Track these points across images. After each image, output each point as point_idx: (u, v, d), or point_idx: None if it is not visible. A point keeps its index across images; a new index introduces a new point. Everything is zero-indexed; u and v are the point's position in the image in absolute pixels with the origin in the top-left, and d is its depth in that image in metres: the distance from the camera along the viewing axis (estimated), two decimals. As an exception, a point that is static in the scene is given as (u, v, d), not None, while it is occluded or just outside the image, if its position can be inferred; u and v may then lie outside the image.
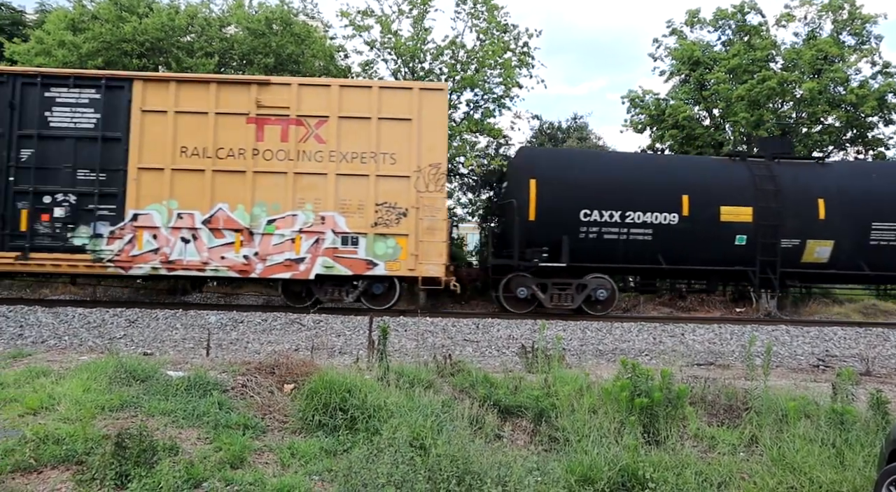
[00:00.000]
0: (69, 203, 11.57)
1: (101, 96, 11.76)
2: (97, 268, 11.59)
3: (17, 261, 11.43)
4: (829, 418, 5.67)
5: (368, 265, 11.70)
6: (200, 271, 11.65)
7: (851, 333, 10.98)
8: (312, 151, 11.83)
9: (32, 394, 5.57)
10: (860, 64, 20.10)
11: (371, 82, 11.87)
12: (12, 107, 11.56)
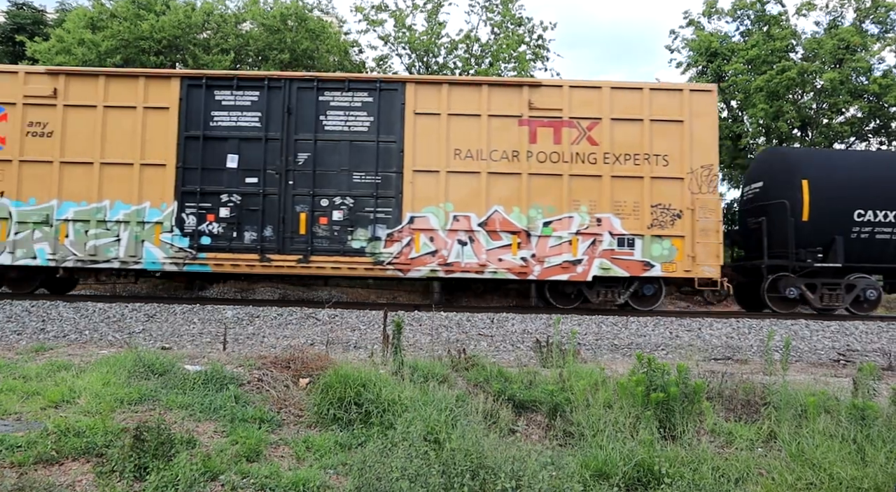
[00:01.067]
0: (347, 206, 11.73)
1: (373, 100, 11.89)
2: (376, 270, 11.70)
3: (298, 264, 11.62)
4: (850, 414, 5.58)
5: (645, 267, 11.73)
6: (479, 274, 11.69)
7: (874, 328, 10.80)
8: (586, 153, 11.85)
9: (54, 387, 5.67)
10: (883, 53, 19.73)
11: (642, 84, 11.98)
12: (288, 111, 11.76)
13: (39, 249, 11.67)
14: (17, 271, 12.06)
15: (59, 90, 11.77)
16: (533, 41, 19.10)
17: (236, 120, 11.86)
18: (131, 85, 11.88)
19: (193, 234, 11.68)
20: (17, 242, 11.65)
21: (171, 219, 11.67)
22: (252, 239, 11.68)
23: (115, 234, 11.67)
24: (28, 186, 11.73)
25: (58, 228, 11.66)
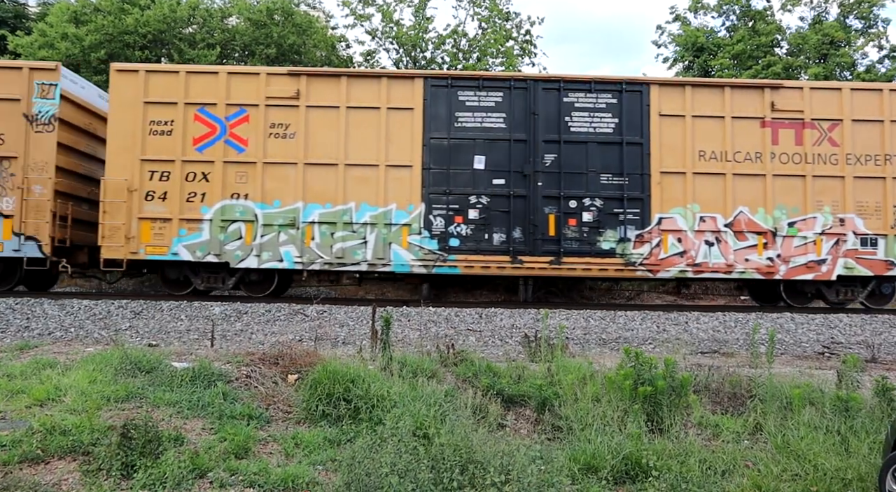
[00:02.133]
0: (595, 208, 11.67)
1: (617, 101, 11.81)
2: (626, 271, 11.66)
3: (549, 265, 11.58)
4: (834, 406, 5.66)
5: (888, 266, 11.76)
6: (727, 274, 11.71)
7: (857, 320, 10.93)
8: (827, 154, 11.87)
9: (39, 385, 5.62)
10: (867, 48, 19.94)
11: (881, 85, 12.17)
12: (533, 113, 11.71)
13: (286, 251, 11.52)
14: (258, 274, 11.96)
15: (301, 91, 11.64)
16: (521, 36, 19.11)
17: (481, 121, 11.80)
18: (373, 86, 11.76)
19: (442, 236, 11.60)
20: (263, 245, 11.53)
21: (420, 221, 11.55)
22: (501, 241, 11.63)
23: (362, 236, 11.56)
24: (272, 189, 11.58)
25: (304, 230, 11.53)
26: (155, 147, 11.57)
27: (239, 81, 11.72)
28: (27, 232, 11.40)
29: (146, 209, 11.50)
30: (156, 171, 11.54)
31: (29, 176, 11.42)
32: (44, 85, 11.53)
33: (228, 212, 11.53)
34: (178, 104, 11.60)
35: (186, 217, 11.49)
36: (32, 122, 11.48)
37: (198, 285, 11.85)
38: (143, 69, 11.85)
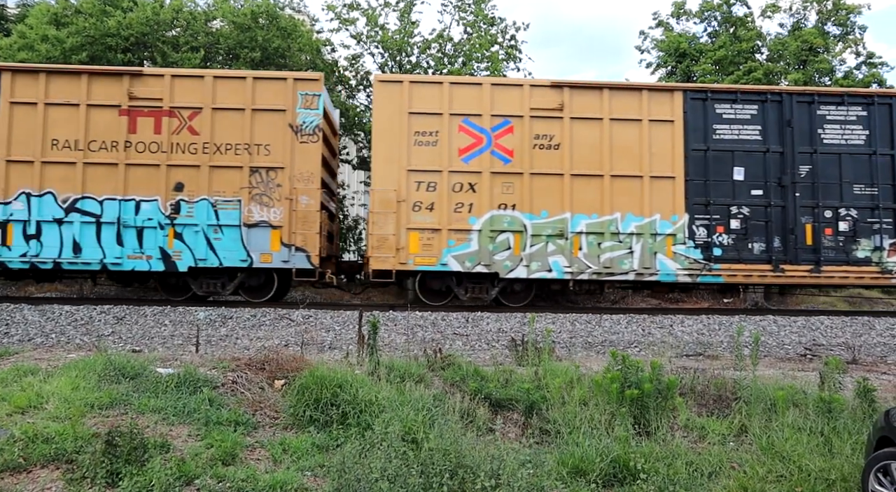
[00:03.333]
0: (851, 217, 11.86)
1: (867, 113, 12.10)
2: (881, 279, 11.94)
3: (809, 274, 11.77)
4: (817, 407, 5.74)
5: None
6: None
7: (838, 322, 11.09)
8: None
9: (20, 393, 5.52)
10: (845, 54, 20.27)
11: None
12: (788, 124, 11.88)
13: (554, 261, 11.67)
14: (521, 284, 12.09)
15: (564, 103, 11.81)
16: (506, 41, 19.18)
17: (738, 133, 12.06)
18: (634, 98, 11.99)
19: (705, 245, 11.82)
20: (532, 256, 11.62)
21: (684, 231, 11.77)
22: (761, 250, 11.89)
23: (628, 246, 11.73)
24: (539, 199, 11.72)
25: (572, 240, 11.68)
26: (420, 158, 11.70)
27: (503, 93, 11.95)
28: (296, 243, 11.40)
29: (414, 220, 11.65)
30: (422, 181, 11.73)
31: (296, 186, 11.46)
32: (307, 95, 11.62)
33: (497, 222, 11.73)
34: (442, 115, 11.76)
35: (455, 227, 11.69)
36: (297, 132, 11.55)
37: (461, 296, 12.03)
38: (407, 80, 12.06)
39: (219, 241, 11.40)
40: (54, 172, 11.36)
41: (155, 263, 11.34)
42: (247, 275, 11.73)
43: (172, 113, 11.52)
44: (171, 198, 11.41)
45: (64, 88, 11.48)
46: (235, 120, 11.55)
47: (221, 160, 11.51)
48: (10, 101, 11.39)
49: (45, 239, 11.28)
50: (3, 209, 11.24)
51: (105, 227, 11.32)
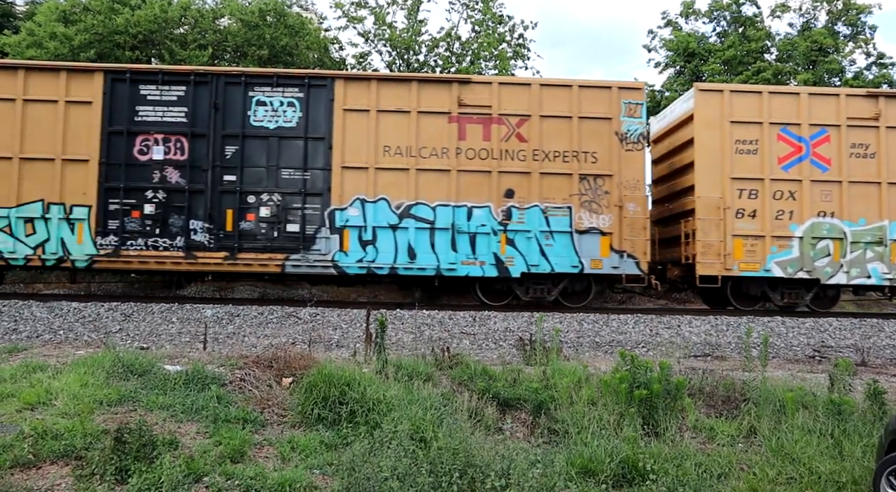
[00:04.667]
0: None
1: None
2: None
3: None
4: (827, 409, 5.70)
5: None
6: None
7: (847, 324, 11.02)
8: None
9: (29, 389, 5.54)
10: (854, 55, 20.15)
11: None
12: None
13: (873, 268, 11.81)
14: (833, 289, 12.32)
15: (880, 112, 11.95)
16: (514, 40, 19.14)
17: None
18: None
19: None
20: (851, 262, 11.77)
21: None
22: None
23: None
24: (856, 207, 11.85)
25: (890, 247, 11.82)
26: (742, 166, 11.87)
27: (819, 103, 12.06)
28: (626, 249, 11.51)
29: (737, 227, 11.80)
30: (744, 189, 11.87)
31: (624, 193, 11.56)
32: (630, 104, 11.76)
33: (817, 229, 11.85)
34: (762, 124, 11.92)
35: (777, 234, 11.81)
36: (623, 140, 11.67)
37: (776, 301, 12.16)
38: (728, 89, 12.24)
39: (550, 247, 11.53)
40: (387, 179, 11.48)
41: (488, 268, 11.46)
42: (570, 280, 11.86)
43: (500, 120, 11.65)
44: (503, 204, 11.52)
45: (393, 96, 11.62)
46: (562, 128, 11.68)
47: (550, 167, 11.64)
48: (344, 109, 11.52)
49: (381, 245, 11.39)
50: (340, 215, 11.41)
51: (439, 232, 11.43)
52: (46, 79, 11.42)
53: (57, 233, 11.23)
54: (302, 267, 11.37)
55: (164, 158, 11.39)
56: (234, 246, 11.33)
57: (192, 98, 11.48)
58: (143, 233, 11.30)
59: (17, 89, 11.34)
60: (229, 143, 11.45)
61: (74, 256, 11.23)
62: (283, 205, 11.42)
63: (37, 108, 11.34)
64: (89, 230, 11.25)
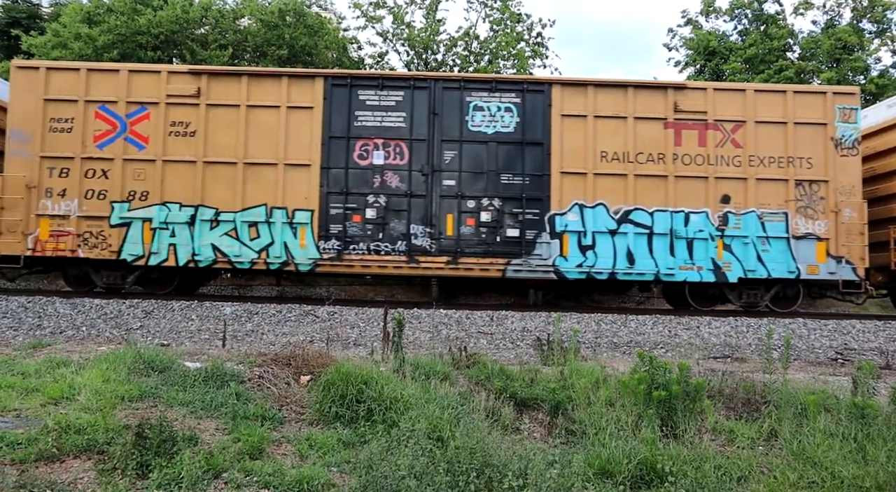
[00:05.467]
0: None
1: None
2: None
3: None
4: (850, 412, 5.59)
5: None
6: None
7: (870, 326, 10.84)
8: None
9: (53, 384, 5.63)
10: (880, 52, 19.82)
11: None
12: None
13: None
14: None
15: None
16: (532, 39, 19.08)
17: None
18: None
19: None
20: None
21: None
22: None
23: None
24: None
25: None
26: None
27: None
28: (843, 255, 11.64)
29: None
30: None
31: (839, 199, 11.68)
32: (845, 109, 11.86)
33: None
34: None
35: None
36: (837, 146, 11.76)
37: None
38: None
39: (766, 253, 11.58)
40: (605, 184, 11.61)
41: (706, 273, 11.54)
42: (782, 286, 11.96)
43: (716, 126, 11.74)
44: (719, 210, 11.60)
45: (610, 101, 11.75)
46: (776, 133, 11.75)
47: (766, 173, 11.69)
48: (562, 115, 11.69)
49: (600, 249, 11.51)
50: (560, 220, 11.56)
51: (657, 238, 11.54)
52: (268, 84, 11.65)
53: (281, 237, 11.46)
54: (523, 272, 11.50)
55: (384, 163, 11.58)
56: (455, 250, 11.47)
57: (411, 103, 11.66)
58: (364, 237, 11.50)
59: (241, 95, 11.59)
60: (448, 148, 11.62)
61: (298, 260, 11.43)
62: (502, 210, 11.56)
63: (259, 114, 11.59)
64: (312, 234, 11.45)
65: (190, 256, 11.37)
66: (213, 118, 11.54)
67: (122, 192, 11.43)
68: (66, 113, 11.48)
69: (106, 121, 11.52)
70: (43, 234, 11.33)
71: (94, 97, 11.53)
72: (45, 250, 11.33)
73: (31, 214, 11.37)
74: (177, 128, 11.50)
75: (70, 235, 11.34)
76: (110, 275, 11.83)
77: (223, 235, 11.41)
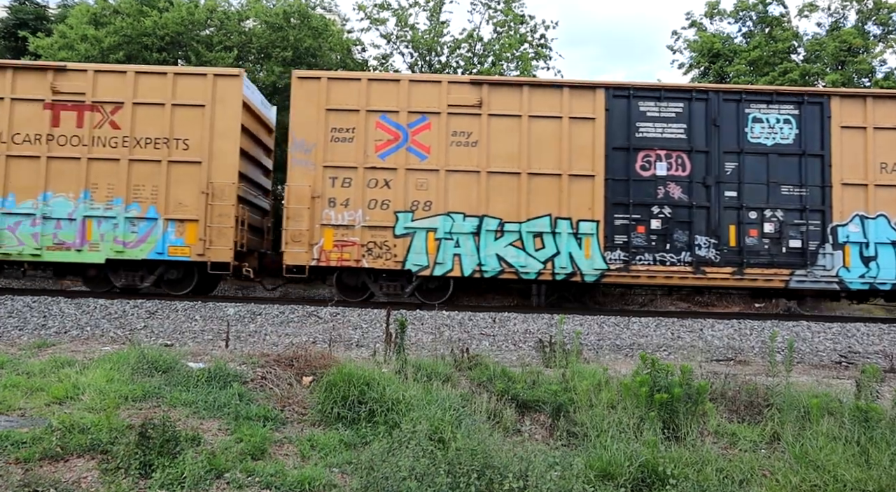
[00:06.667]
0: None
1: None
2: None
3: None
4: (854, 416, 5.58)
5: None
6: None
7: (875, 330, 10.80)
8: None
9: (57, 383, 5.67)
10: (886, 54, 19.75)
11: None
12: None
13: None
14: None
15: None
16: (535, 40, 19.09)
17: None
18: None
19: None
20: None
21: None
22: None
23: None
24: None
25: None
26: None
27: None
28: None
29: None
30: None
31: None
32: None
33: None
34: None
35: None
36: None
37: None
38: None
39: None
40: (885, 195, 11.68)
41: None
42: None
43: None
44: None
45: (889, 113, 11.86)
46: None
47: None
48: (841, 126, 11.77)
49: (882, 261, 11.61)
50: (842, 231, 11.67)
51: None
52: (548, 95, 11.85)
53: (566, 248, 11.52)
54: (807, 282, 11.62)
55: (666, 174, 11.70)
56: (740, 261, 11.55)
57: (689, 114, 11.76)
58: (648, 248, 11.60)
59: (521, 106, 11.72)
60: (728, 159, 11.74)
61: (584, 271, 11.53)
62: (784, 221, 11.63)
63: (540, 124, 11.70)
64: (598, 245, 11.53)
65: (476, 266, 11.51)
66: (494, 128, 11.67)
67: (406, 202, 11.60)
68: (347, 123, 11.65)
69: (387, 131, 11.70)
70: (327, 244, 11.53)
71: (375, 107, 11.70)
72: (330, 260, 11.55)
73: (315, 224, 11.53)
74: (458, 138, 11.68)
75: (355, 245, 11.54)
76: (390, 284, 11.99)
77: (508, 245, 11.54)
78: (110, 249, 11.49)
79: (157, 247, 11.49)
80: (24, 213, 11.46)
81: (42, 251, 11.49)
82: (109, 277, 11.88)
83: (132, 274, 11.87)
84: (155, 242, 11.48)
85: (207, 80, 11.69)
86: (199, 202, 11.50)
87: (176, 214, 11.51)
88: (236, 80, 11.76)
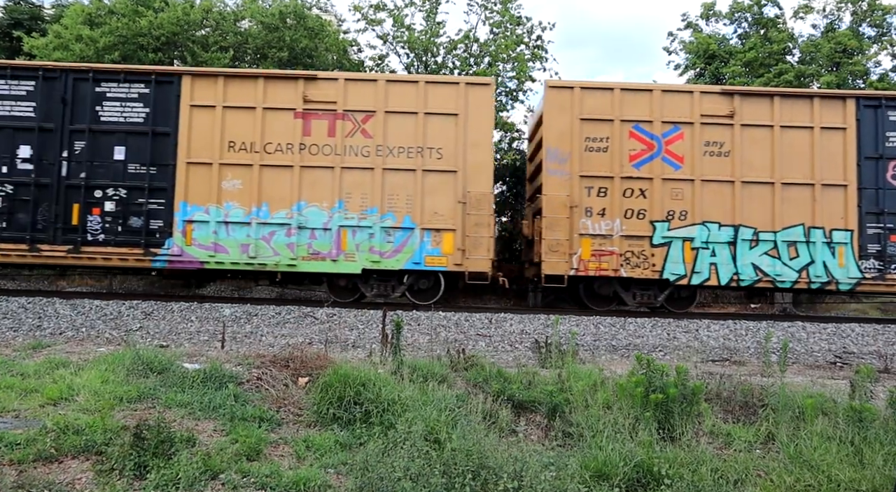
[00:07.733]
0: None
1: None
2: None
3: None
4: (848, 416, 5.60)
5: None
6: None
7: (869, 330, 10.85)
8: None
9: (52, 385, 5.65)
10: (880, 56, 19.81)
11: None
12: None
13: None
14: None
15: None
16: (532, 41, 19.09)
17: None
18: None
19: None
20: None
21: None
22: None
23: None
24: None
25: None
26: None
27: None
28: None
29: None
30: None
31: None
32: None
33: None
34: None
35: None
36: None
37: None
38: None
39: None
40: None
41: None
42: None
43: None
44: None
45: None
46: None
47: None
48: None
49: None
50: None
51: None
52: (800, 105, 11.90)
53: (820, 257, 11.59)
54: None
55: None
56: None
57: None
58: None
59: (773, 116, 11.86)
60: None
61: (839, 280, 11.60)
62: None
63: (790, 134, 11.78)
64: (852, 254, 11.61)
65: (733, 275, 11.58)
66: (746, 138, 11.77)
67: (662, 211, 11.67)
68: (601, 132, 11.73)
69: (641, 140, 11.75)
70: (585, 253, 11.61)
71: (629, 117, 11.75)
72: (588, 270, 11.64)
73: (574, 234, 11.59)
74: (711, 148, 11.76)
75: (613, 254, 11.63)
76: (643, 293, 12.12)
77: (762, 254, 11.62)
78: (366, 259, 11.53)
79: (414, 257, 11.55)
80: (278, 223, 11.52)
81: (298, 261, 11.53)
82: (359, 286, 11.97)
83: (384, 284, 11.97)
84: (412, 251, 11.54)
85: (459, 88, 11.77)
86: (456, 212, 11.57)
87: (432, 224, 11.57)
88: (487, 89, 11.86)
